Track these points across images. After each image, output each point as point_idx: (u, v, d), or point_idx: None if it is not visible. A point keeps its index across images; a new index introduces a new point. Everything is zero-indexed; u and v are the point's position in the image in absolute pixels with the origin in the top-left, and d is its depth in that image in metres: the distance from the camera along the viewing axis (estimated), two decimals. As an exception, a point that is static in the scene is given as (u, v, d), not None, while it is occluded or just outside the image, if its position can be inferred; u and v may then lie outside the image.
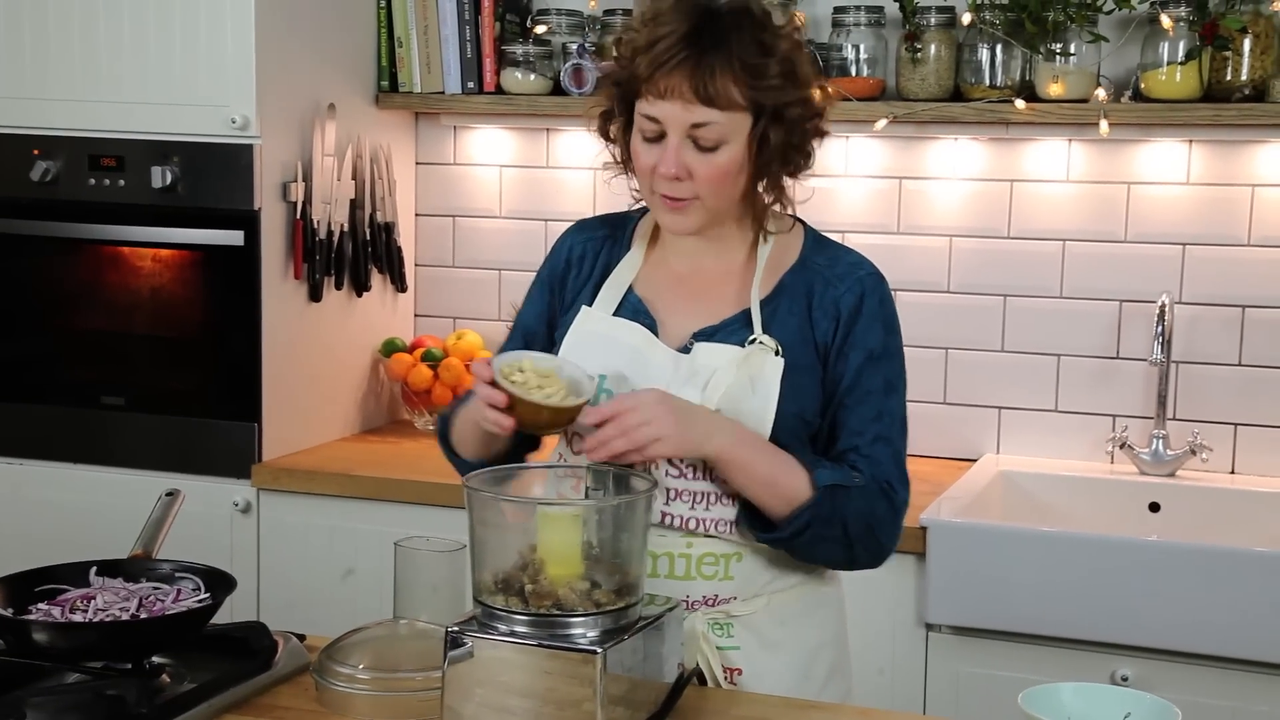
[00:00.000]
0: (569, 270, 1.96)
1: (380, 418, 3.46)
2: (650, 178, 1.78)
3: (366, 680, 1.68)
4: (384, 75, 3.38)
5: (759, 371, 1.79)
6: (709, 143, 1.74)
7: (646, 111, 1.75)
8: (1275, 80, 2.84)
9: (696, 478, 1.81)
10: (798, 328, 1.83)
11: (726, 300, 1.86)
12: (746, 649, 1.83)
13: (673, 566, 1.82)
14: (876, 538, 1.81)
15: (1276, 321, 2.98)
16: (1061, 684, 1.61)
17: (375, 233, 3.33)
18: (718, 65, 1.71)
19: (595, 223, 2.01)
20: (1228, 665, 2.50)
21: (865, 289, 1.85)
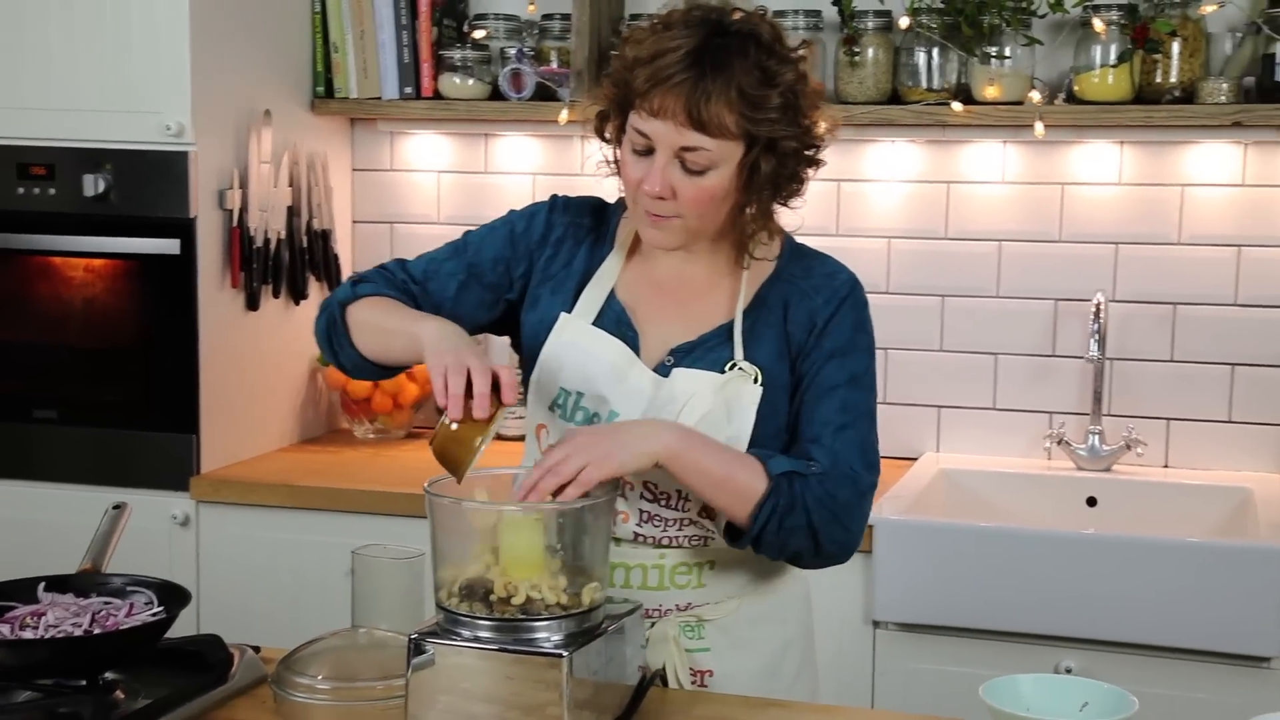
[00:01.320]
0: (544, 246, 1.90)
1: (319, 427, 3.43)
2: (635, 190, 1.75)
3: (326, 691, 1.66)
4: (319, 81, 3.35)
5: (736, 397, 1.78)
6: (697, 166, 1.70)
7: (638, 126, 1.71)
8: (1203, 82, 2.89)
9: (669, 505, 1.80)
10: (775, 341, 1.81)
11: (707, 314, 1.84)
12: (717, 650, 1.83)
13: (645, 577, 1.81)
14: (843, 524, 1.76)
15: (1206, 318, 3.03)
16: (1021, 676, 1.63)
17: (312, 240, 3.31)
18: (715, 91, 1.66)
19: (580, 208, 1.93)
20: (1166, 654, 2.54)
21: (841, 297, 1.83)
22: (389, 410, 3.34)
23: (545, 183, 3.40)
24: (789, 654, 1.91)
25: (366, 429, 3.37)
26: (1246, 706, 2.45)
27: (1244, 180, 3.00)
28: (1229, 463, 3.03)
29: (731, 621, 1.85)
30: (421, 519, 2.79)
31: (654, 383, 1.80)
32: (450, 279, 1.91)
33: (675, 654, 1.81)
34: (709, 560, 1.83)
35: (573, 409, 1.82)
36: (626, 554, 1.80)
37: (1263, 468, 3.02)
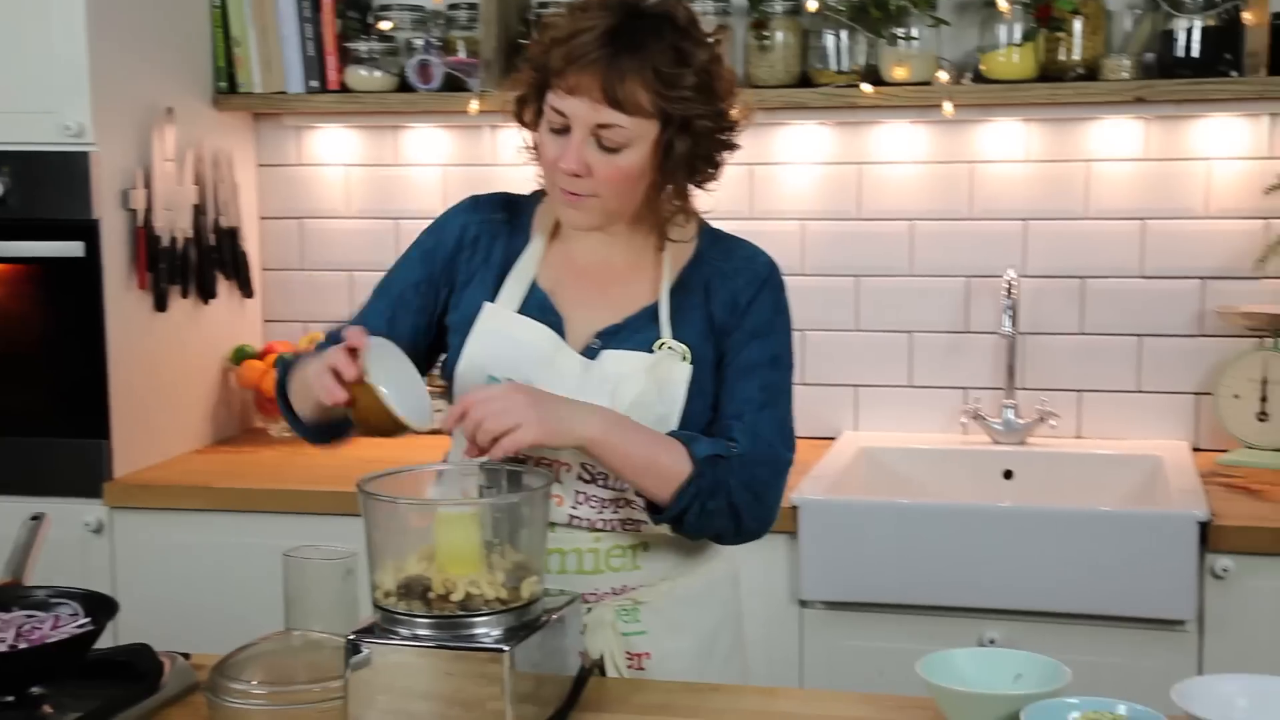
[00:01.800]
0: (460, 251, 1.90)
1: (232, 427, 3.39)
2: (552, 170, 1.76)
3: (262, 695, 1.63)
4: (222, 76, 3.30)
5: (666, 376, 1.79)
6: (612, 144, 1.72)
7: (555, 104, 1.72)
8: (1105, 60, 2.94)
9: (605, 486, 1.81)
10: (700, 321, 1.83)
11: (631, 297, 1.84)
12: (653, 632, 1.84)
13: (581, 561, 1.82)
14: (763, 502, 1.79)
15: (1113, 291, 3.09)
16: (957, 650, 1.65)
17: (220, 238, 3.25)
18: (629, 70, 1.69)
19: (491, 203, 1.94)
20: (1085, 621, 2.58)
21: (762, 279, 1.85)
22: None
23: (456, 174, 3.38)
24: (721, 634, 1.94)
25: (282, 427, 3.32)
26: (1163, 669, 2.51)
27: (1146, 155, 3.06)
28: (1138, 431, 3.10)
29: (665, 603, 1.86)
30: (343, 516, 2.80)
31: (582, 365, 1.81)
32: (378, 319, 1.90)
33: (613, 639, 1.82)
34: (642, 543, 1.84)
35: None
36: (562, 539, 1.80)
37: (1171, 435, 3.08)
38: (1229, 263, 3.02)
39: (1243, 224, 3.02)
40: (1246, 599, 2.51)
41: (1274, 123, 2.99)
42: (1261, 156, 3.00)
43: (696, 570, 1.90)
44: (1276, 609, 2.50)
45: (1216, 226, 3.03)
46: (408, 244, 3.42)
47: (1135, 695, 1.79)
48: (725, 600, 1.96)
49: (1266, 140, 3.00)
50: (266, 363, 3.30)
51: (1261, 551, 2.50)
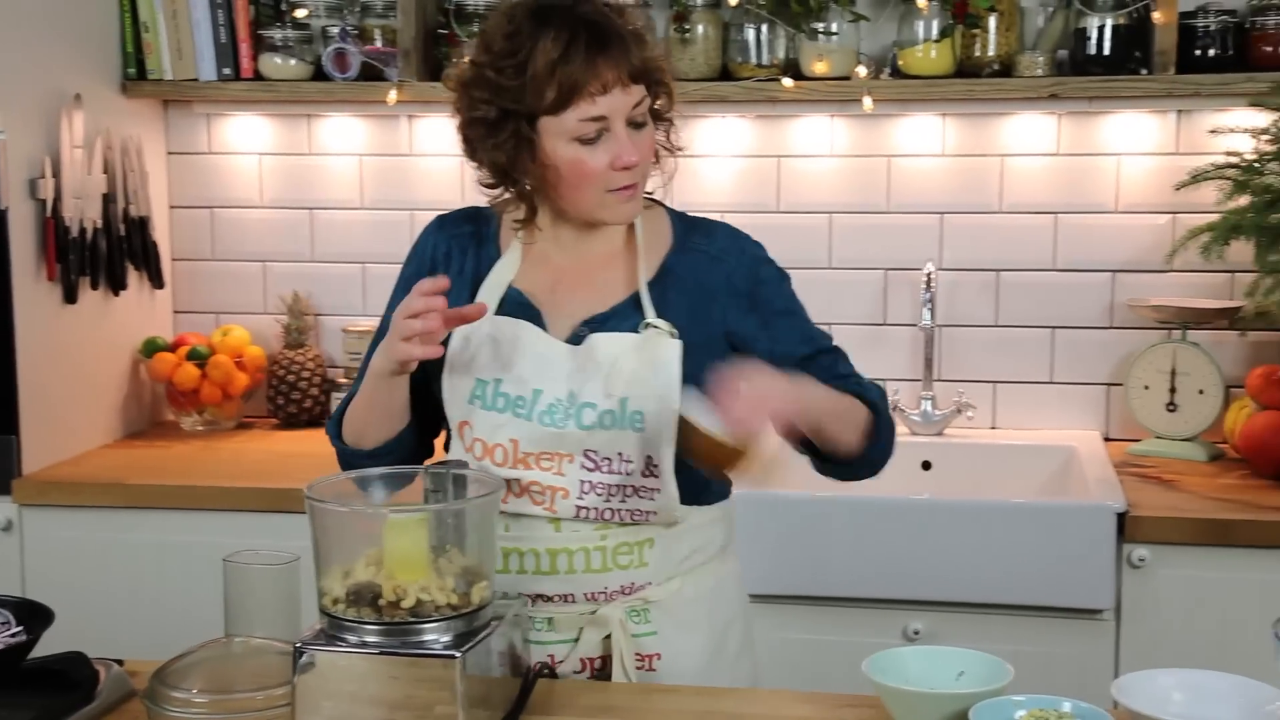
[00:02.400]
0: (435, 268, 1.90)
1: (143, 421, 3.32)
2: (604, 177, 1.77)
3: (203, 704, 1.61)
4: (130, 63, 3.22)
5: (657, 354, 1.79)
6: (642, 118, 1.79)
7: (588, 114, 1.74)
8: (1019, 56, 2.99)
9: (609, 471, 1.80)
10: (689, 308, 1.84)
11: (612, 286, 1.86)
12: (664, 633, 1.84)
13: (588, 560, 1.81)
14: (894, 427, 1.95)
15: (1027, 283, 3.15)
16: (904, 648, 1.67)
17: (130, 228, 3.19)
18: (628, 42, 1.76)
19: (457, 218, 1.95)
20: (1005, 612, 2.63)
21: (754, 257, 1.91)
22: (218, 401, 3.25)
23: (372, 164, 3.34)
24: (731, 632, 1.94)
25: (195, 421, 3.27)
26: (1082, 657, 2.58)
27: (1059, 150, 3.11)
28: (1052, 422, 3.16)
29: (675, 602, 1.86)
30: (262, 513, 2.77)
31: (569, 352, 1.81)
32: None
33: (622, 640, 1.81)
34: (648, 539, 1.83)
35: (493, 396, 1.81)
36: (568, 538, 1.79)
37: (1083, 425, 3.15)
38: (1139, 256, 3.09)
39: (1152, 218, 3.09)
40: (1162, 588, 2.57)
41: (1182, 120, 3.06)
42: (1170, 153, 3.07)
43: (705, 568, 1.90)
44: (1191, 598, 2.57)
45: (1127, 221, 3.10)
46: (323, 233, 3.43)
47: (1057, 684, 1.84)
48: (734, 598, 1.97)
49: (1174, 137, 3.07)
50: (178, 355, 3.24)
51: (1177, 541, 2.56)
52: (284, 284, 3.37)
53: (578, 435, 1.79)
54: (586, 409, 1.79)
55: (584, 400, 1.79)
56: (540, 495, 1.80)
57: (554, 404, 1.80)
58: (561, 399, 1.79)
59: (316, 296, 3.38)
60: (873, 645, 1.71)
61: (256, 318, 3.40)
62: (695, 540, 1.88)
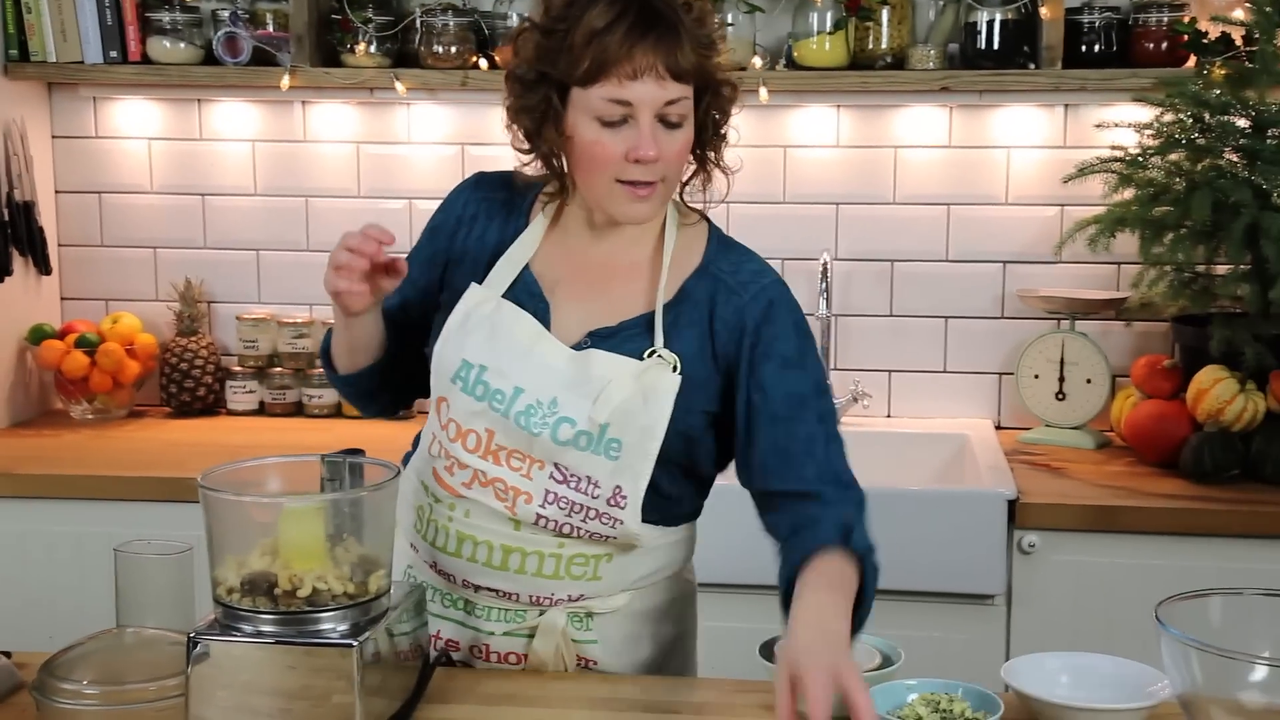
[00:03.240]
0: (459, 227, 1.84)
1: (30, 409, 3.25)
2: (615, 166, 1.68)
3: (94, 695, 1.58)
4: (12, 44, 3.15)
5: (654, 385, 1.71)
6: (678, 119, 1.68)
7: (615, 95, 1.65)
8: (912, 49, 3.03)
9: (577, 489, 1.73)
10: (697, 339, 1.75)
11: (627, 300, 1.78)
12: (605, 643, 1.81)
13: (541, 565, 1.76)
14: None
15: (920, 274, 3.19)
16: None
17: (15, 213, 3.12)
18: (680, 39, 1.66)
19: (494, 181, 1.87)
20: (898, 597, 2.64)
21: (771, 297, 1.78)
22: (109, 389, 3.19)
23: (265, 149, 3.30)
24: (674, 651, 1.89)
25: (85, 409, 3.21)
26: (974, 641, 2.63)
27: (950, 142, 3.16)
28: (945, 410, 3.21)
29: (621, 616, 1.81)
30: (156, 502, 2.73)
31: (569, 359, 1.74)
32: (394, 296, 1.81)
33: (562, 643, 1.78)
34: (607, 554, 1.77)
35: (474, 382, 1.74)
36: (525, 539, 1.74)
37: (975, 414, 3.20)
38: (1029, 248, 3.15)
39: (1041, 210, 3.15)
40: (1051, 574, 2.63)
41: (1069, 114, 3.12)
42: (1058, 146, 3.13)
43: (656, 588, 1.85)
44: (1079, 583, 2.62)
45: (1017, 213, 3.16)
46: (215, 220, 3.38)
47: (948, 668, 1.88)
48: (684, 616, 1.91)
49: (1062, 130, 3.13)
50: (66, 342, 3.18)
51: (1066, 527, 2.62)
52: (176, 271, 3.32)
53: (552, 447, 1.72)
54: (564, 423, 1.71)
55: (564, 413, 1.72)
56: (504, 493, 1.74)
57: (532, 406, 1.72)
58: (542, 402, 1.72)
59: (209, 284, 3.33)
60: (770, 632, 1.73)
61: (148, 305, 3.34)
62: (655, 561, 1.82)
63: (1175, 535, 2.60)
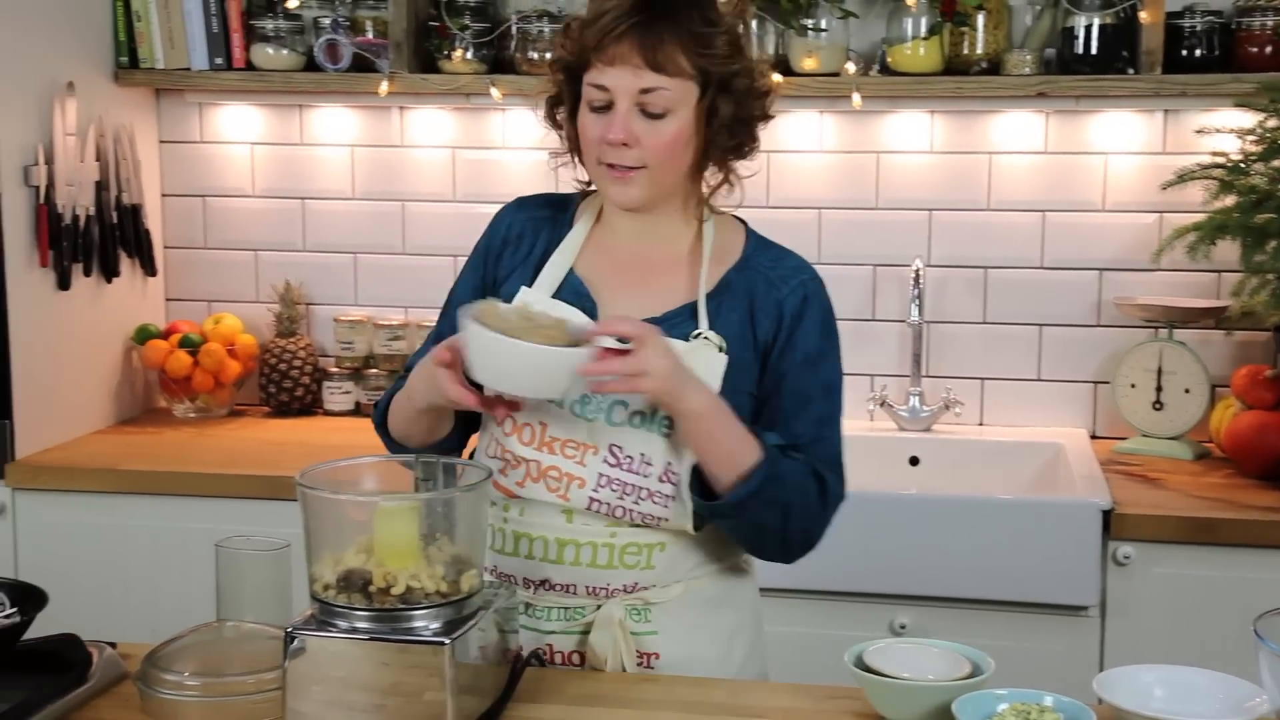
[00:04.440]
0: (505, 247, 1.91)
1: (135, 408, 3.33)
2: (598, 148, 1.78)
3: (195, 687, 1.63)
4: (123, 51, 3.23)
5: (702, 366, 1.76)
6: (657, 109, 1.75)
7: (595, 81, 1.76)
8: (1007, 54, 3.01)
9: (630, 470, 1.78)
10: (739, 325, 1.82)
11: (671, 291, 1.83)
12: (665, 633, 1.83)
13: (595, 555, 1.80)
14: (809, 516, 1.81)
15: (1015, 281, 3.17)
16: (883, 641, 1.69)
17: (122, 216, 3.20)
18: (666, 32, 1.73)
19: (537, 201, 1.95)
20: (990, 607, 2.65)
21: (809, 292, 1.84)
22: (210, 389, 3.26)
23: (363, 154, 3.36)
24: (736, 641, 1.91)
25: (187, 408, 3.28)
26: (1066, 653, 2.60)
27: (1046, 148, 3.13)
28: (1038, 419, 3.18)
29: (679, 606, 1.84)
30: (255, 500, 2.78)
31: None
32: (449, 329, 1.85)
33: (620, 637, 1.80)
34: (660, 542, 1.81)
35: None
36: (578, 530, 1.79)
37: (1069, 423, 3.17)
38: (1126, 255, 3.11)
39: (1139, 217, 3.11)
40: (1147, 586, 2.59)
41: (1168, 119, 3.08)
42: (1156, 152, 3.09)
43: (713, 576, 1.88)
44: (1175, 595, 2.59)
45: (1114, 219, 3.12)
46: (315, 223, 3.44)
47: (1040, 680, 1.85)
48: (743, 606, 1.93)
49: (1161, 136, 3.09)
50: (170, 342, 3.26)
51: (1162, 539, 2.58)
52: (276, 273, 3.39)
53: (607, 430, 1.78)
54: (618, 406, 1.78)
55: (618, 397, 1.77)
56: (556, 482, 1.79)
57: (587, 396, 1.77)
58: (592, 395, 1.77)
59: (308, 286, 3.39)
60: (858, 639, 1.72)
61: (248, 306, 3.41)
62: (707, 551, 1.86)
63: (1275, 549, 2.56)
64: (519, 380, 1.67)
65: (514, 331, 1.64)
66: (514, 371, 1.65)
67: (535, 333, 1.65)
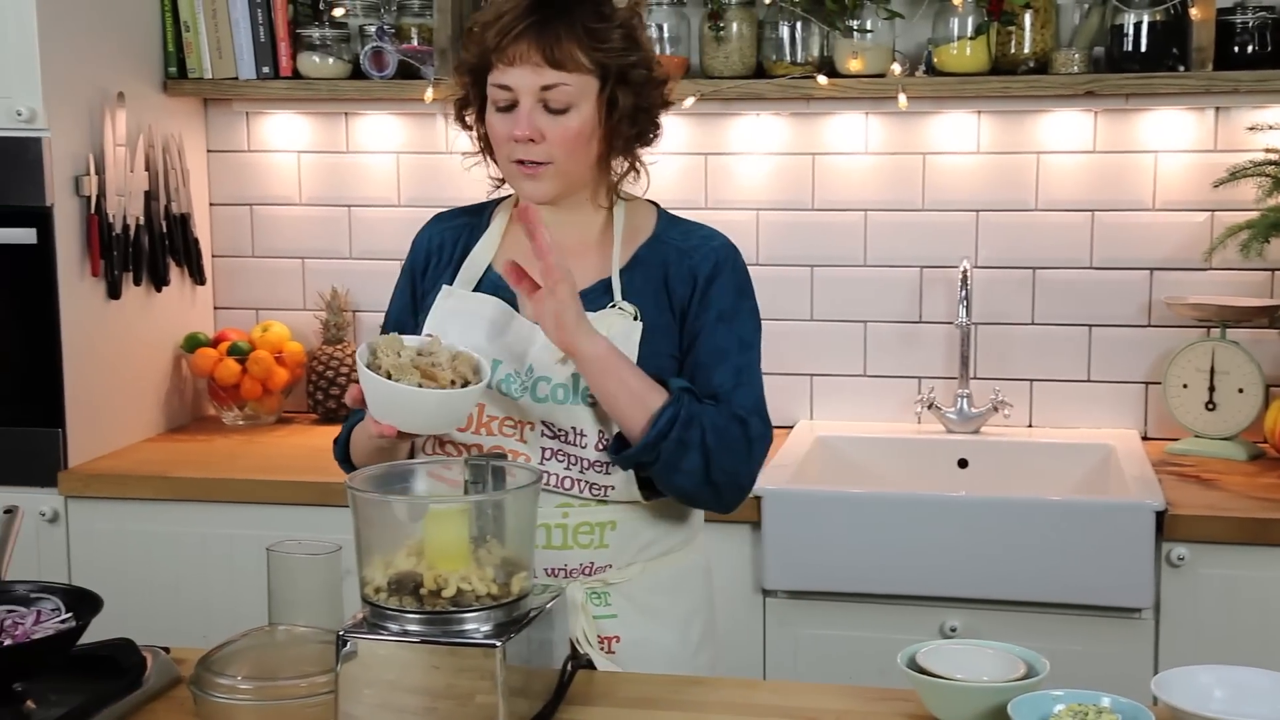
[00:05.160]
0: (429, 260, 2.00)
1: (184, 416, 3.36)
2: (506, 146, 1.84)
3: (248, 690, 1.63)
4: (171, 61, 3.26)
5: (617, 334, 1.85)
6: (559, 105, 1.81)
7: (499, 81, 1.82)
8: (1055, 53, 2.99)
9: (569, 441, 1.86)
10: (653, 294, 1.90)
11: (584, 272, 1.90)
12: (624, 617, 1.89)
13: (549, 536, 1.87)
14: (733, 458, 1.85)
15: (1063, 281, 3.14)
16: (936, 642, 1.67)
17: (171, 225, 3.22)
18: (562, 30, 1.80)
19: (453, 213, 2.05)
20: (1042, 610, 2.62)
21: (719, 258, 1.92)
22: (258, 396, 3.28)
23: (409, 161, 3.37)
24: (693, 623, 1.98)
25: (235, 416, 3.30)
26: (1121, 656, 2.57)
27: (1095, 147, 3.11)
28: (1089, 421, 3.15)
29: (635, 589, 1.91)
30: (303, 506, 2.79)
31: (531, 330, 1.87)
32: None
33: (583, 620, 1.87)
34: (611, 520, 1.89)
35: None
36: None
37: (1120, 424, 3.14)
38: (1176, 254, 3.08)
39: (1190, 216, 3.08)
40: (1202, 587, 2.56)
41: (1220, 117, 3.05)
42: (1207, 150, 3.06)
43: (668, 556, 1.95)
44: (1231, 597, 2.56)
45: (1164, 218, 3.09)
46: (361, 231, 3.45)
47: (1093, 683, 1.83)
48: (696, 589, 2.00)
49: (1212, 134, 3.06)
50: (219, 350, 3.28)
51: (1217, 540, 2.55)
52: (322, 280, 3.40)
53: (535, 407, 1.85)
54: (541, 382, 1.86)
55: (540, 374, 1.86)
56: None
57: (510, 375, 1.86)
58: (520, 371, 1.85)
59: (355, 293, 3.41)
60: (908, 642, 1.71)
61: (296, 314, 3.43)
62: (659, 529, 1.93)
63: (1332, 549, 2.53)
64: (401, 418, 1.73)
65: (404, 370, 1.71)
66: (394, 411, 1.72)
67: (433, 368, 1.72)
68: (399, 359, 1.73)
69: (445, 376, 1.72)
